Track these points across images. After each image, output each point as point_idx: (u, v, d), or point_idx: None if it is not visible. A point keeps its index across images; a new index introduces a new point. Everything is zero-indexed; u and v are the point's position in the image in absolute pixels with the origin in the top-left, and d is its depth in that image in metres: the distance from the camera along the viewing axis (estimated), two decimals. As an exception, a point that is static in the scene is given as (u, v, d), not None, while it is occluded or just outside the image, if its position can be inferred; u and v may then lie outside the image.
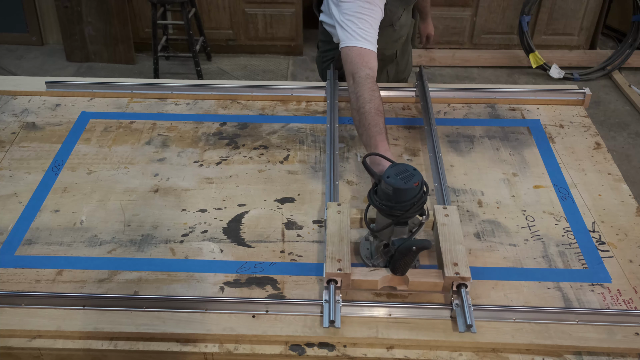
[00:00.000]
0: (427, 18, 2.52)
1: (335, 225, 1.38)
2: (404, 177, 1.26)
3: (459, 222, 1.38)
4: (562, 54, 4.32)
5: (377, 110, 1.53)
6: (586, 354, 1.22)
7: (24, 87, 2.04)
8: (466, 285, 1.26)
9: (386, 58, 2.14)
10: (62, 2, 4.13)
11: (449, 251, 1.31)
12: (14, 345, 1.24)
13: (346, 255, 1.30)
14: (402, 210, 1.26)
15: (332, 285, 1.27)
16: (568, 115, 1.92)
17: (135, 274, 1.38)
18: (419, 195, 1.27)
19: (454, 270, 1.27)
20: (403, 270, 1.26)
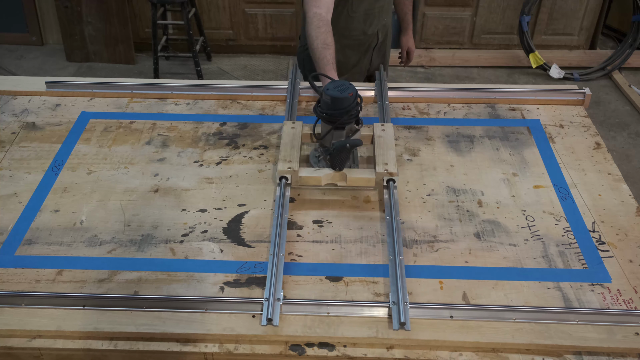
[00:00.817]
0: (407, 31, 2.52)
1: (288, 137, 1.66)
2: (340, 89, 1.51)
3: (392, 134, 1.68)
4: (562, 54, 4.32)
5: (323, 45, 1.77)
6: (586, 354, 1.22)
7: (24, 87, 2.04)
8: (394, 181, 1.55)
9: (370, 38, 2.18)
10: (62, 2, 4.13)
11: (381, 155, 1.60)
12: (14, 345, 1.24)
13: (296, 159, 1.58)
14: (339, 116, 1.51)
15: (283, 180, 1.55)
16: (568, 115, 1.92)
17: (135, 274, 1.38)
18: (353, 104, 1.52)
19: (384, 167, 1.56)
20: (341, 165, 1.56)
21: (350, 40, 2.17)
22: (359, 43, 2.20)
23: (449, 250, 1.44)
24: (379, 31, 2.21)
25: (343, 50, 2.15)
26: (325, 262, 1.41)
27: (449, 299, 1.31)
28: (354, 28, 2.15)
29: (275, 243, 1.39)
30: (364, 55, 2.24)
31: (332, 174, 1.57)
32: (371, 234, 1.48)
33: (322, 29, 1.77)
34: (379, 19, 2.17)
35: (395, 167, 1.57)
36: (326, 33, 1.78)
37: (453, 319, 1.26)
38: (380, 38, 2.23)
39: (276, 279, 1.31)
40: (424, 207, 1.56)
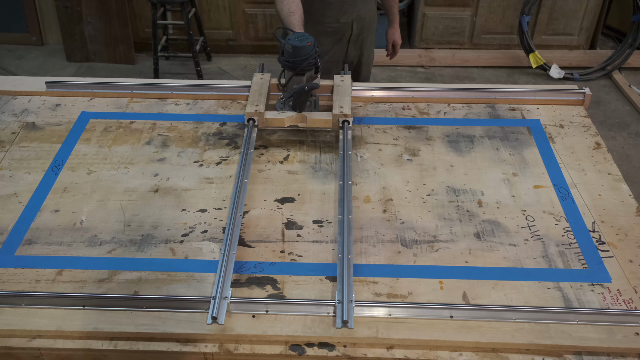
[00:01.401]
0: (393, 24, 2.63)
1: (257, 86, 1.86)
2: (300, 39, 1.71)
3: (349, 83, 1.87)
4: (562, 54, 4.32)
5: (288, 13, 2.02)
6: (586, 354, 1.22)
7: (24, 87, 2.04)
8: (349, 122, 1.73)
9: (344, 27, 2.28)
10: (62, 2, 4.13)
11: (338, 100, 1.79)
12: (14, 345, 1.24)
13: (262, 103, 1.77)
14: (300, 63, 1.70)
15: (250, 122, 1.74)
16: (568, 115, 1.92)
17: (135, 274, 1.38)
18: (312, 52, 1.71)
19: (340, 110, 1.74)
20: (301, 107, 1.74)
21: (323, 27, 2.30)
22: (332, 31, 2.31)
23: (449, 250, 1.44)
24: (354, 21, 2.31)
25: (317, 38, 2.20)
26: (325, 262, 1.41)
27: (449, 299, 1.31)
28: (328, 15, 2.27)
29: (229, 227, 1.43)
30: (337, 44, 2.35)
31: (294, 115, 1.74)
32: (371, 234, 1.48)
33: (285, 1, 2.02)
34: (353, 8, 2.28)
35: (350, 109, 1.74)
36: (289, 3, 2.02)
37: (453, 319, 1.26)
38: (355, 30, 2.33)
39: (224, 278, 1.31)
40: (424, 207, 1.56)
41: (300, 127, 1.76)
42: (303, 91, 1.70)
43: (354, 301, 1.27)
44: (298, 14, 2.03)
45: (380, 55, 4.31)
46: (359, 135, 1.83)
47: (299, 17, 2.03)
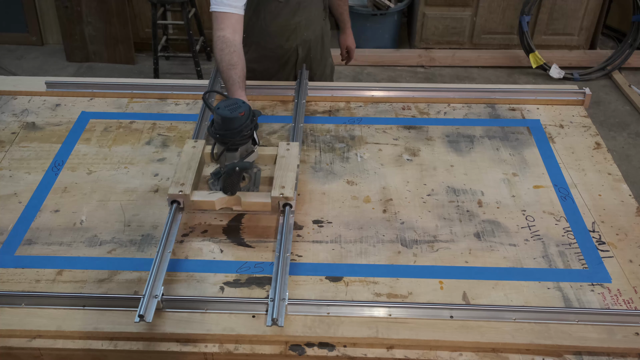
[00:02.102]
0: (346, 29, 2.50)
1: (187, 157, 1.56)
2: (231, 108, 1.44)
3: (297, 154, 1.58)
4: (562, 54, 4.32)
5: (228, 66, 1.74)
6: (586, 354, 1.22)
7: (24, 87, 2.04)
8: (291, 205, 1.46)
9: (288, 52, 2.15)
10: (62, 2, 4.13)
11: (280, 177, 1.50)
12: (14, 345, 1.24)
13: (189, 181, 1.48)
14: (231, 137, 1.45)
15: (174, 205, 1.46)
16: (568, 115, 1.92)
17: (135, 274, 1.38)
18: (245, 124, 1.45)
19: (280, 191, 1.46)
20: (232, 189, 1.47)
21: (267, 51, 2.14)
22: (276, 56, 2.16)
23: (449, 250, 1.44)
24: (299, 46, 2.15)
25: (261, 60, 2.15)
26: (325, 262, 1.41)
27: (449, 299, 1.31)
28: (270, 41, 2.11)
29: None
30: (283, 67, 2.20)
31: (226, 198, 1.48)
32: (371, 234, 1.48)
33: (225, 50, 1.74)
34: (296, 35, 2.11)
35: (293, 191, 1.47)
36: (230, 54, 1.74)
37: (453, 319, 1.26)
38: (302, 53, 2.18)
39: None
40: (424, 207, 1.56)
41: (235, 210, 1.51)
42: (233, 172, 1.44)
43: (286, 299, 1.26)
44: (240, 67, 1.74)
45: (381, 56, 4.32)
46: (359, 135, 1.83)
47: (241, 72, 1.74)
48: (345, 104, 1.97)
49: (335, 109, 1.95)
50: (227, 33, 1.75)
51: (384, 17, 4.26)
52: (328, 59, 2.36)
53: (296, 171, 1.53)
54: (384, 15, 4.24)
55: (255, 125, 1.50)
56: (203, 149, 1.58)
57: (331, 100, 1.98)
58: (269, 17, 2.02)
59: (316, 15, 2.15)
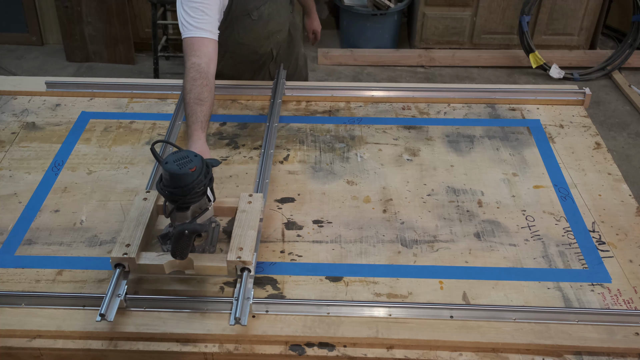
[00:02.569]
0: (311, 13, 2.51)
1: (136, 212, 1.38)
2: (180, 162, 1.26)
3: (259, 209, 1.40)
4: (562, 54, 4.32)
5: (196, 100, 1.57)
6: (586, 354, 1.22)
7: (24, 87, 2.04)
8: (249, 270, 1.29)
9: (263, 56, 2.14)
10: (62, 2, 4.13)
11: (238, 236, 1.32)
12: (14, 345, 1.24)
13: (137, 241, 1.31)
14: (181, 195, 1.26)
15: (118, 269, 1.29)
16: (568, 115, 1.92)
17: (135, 274, 1.37)
18: (197, 180, 1.27)
19: (237, 254, 1.28)
20: (182, 254, 1.27)
21: (242, 58, 2.09)
22: (251, 61, 2.13)
23: (449, 250, 1.44)
24: (273, 49, 2.14)
25: (235, 67, 2.11)
26: (325, 262, 1.41)
27: (449, 299, 1.32)
28: (244, 50, 2.06)
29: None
30: (258, 71, 2.17)
31: (176, 261, 1.30)
32: (371, 234, 1.48)
33: (198, 82, 1.59)
34: (270, 41, 2.09)
35: (252, 254, 1.29)
36: (202, 87, 1.59)
37: (453, 319, 1.26)
38: (275, 53, 2.17)
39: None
40: (424, 207, 1.56)
41: (187, 273, 1.35)
42: (182, 236, 1.24)
43: (251, 299, 1.26)
44: (207, 105, 1.58)
45: (381, 56, 4.32)
46: (359, 135, 1.83)
47: (207, 110, 1.58)
48: (345, 104, 1.97)
49: (335, 109, 1.95)
50: (203, 62, 1.63)
51: (384, 17, 4.26)
52: (300, 51, 2.36)
53: (258, 228, 1.38)
54: (384, 15, 4.24)
55: (210, 179, 1.32)
56: (155, 201, 1.41)
57: (331, 100, 1.98)
58: (243, 32, 1.96)
59: (285, 17, 2.14)
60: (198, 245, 1.37)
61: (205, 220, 1.36)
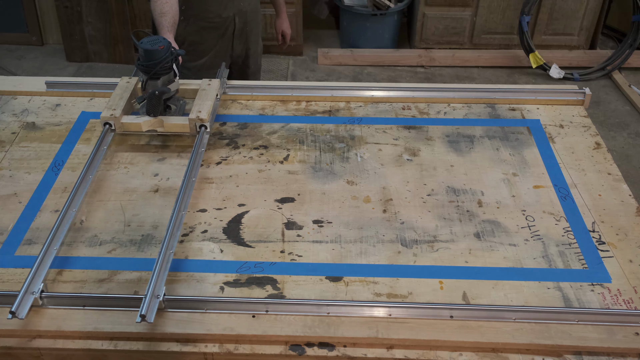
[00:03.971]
0: (281, 14, 2.69)
1: (120, 89, 1.82)
2: (152, 42, 1.69)
3: (216, 87, 1.85)
4: (562, 54, 4.32)
5: (160, 13, 2.03)
6: (586, 354, 1.22)
7: (24, 87, 2.04)
8: (206, 127, 1.72)
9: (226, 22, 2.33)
10: (62, 2, 4.13)
11: (198, 105, 1.76)
12: (14, 345, 1.24)
13: (120, 107, 1.74)
14: (152, 67, 1.68)
15: (107, 126, 1.72)
16: (568, 115, 1.92)
17: (135, 274, 1.38)
18: (165, 56, 1.69)
19: (197, 114, 1.71)
20: (154, 112, 1.72)
21: (206, 22, 2.33)
22: (215, 26, 2.33)
23: (449, 250, 1.44)
24: (236, 16, 2.34)
25: (200, 32, 2.33)
26: (325, 262, 1.41)
27: (449, 299, 1.32)
28: (209, 10, 2.30)
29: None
30: (221, 38, 2.38)
31: (151, 120, 1.72)
32: (371, 234, 1.48)
33: (158, 1, 2.03)
34: (233, 3, 2.30)
35: (208, 114, 1.72)
36: (162, 4, 2.02)
37: (453, 319, 1.26)
38: (239, 24, 2.36)
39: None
40: (424, 207, 1.56)
41: (159, 131, 1.74)
42: (153, 96, 1.70)
43: (161, 296, 1.26)
44: (170, 15, 2.02)
45: (381, 56, 4.32)
46: (359, 135, 1.83)
47: (171, 19, 2.02)
48: (345, 104, 1.97)
49: (335, 109, 1.95)
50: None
51: (384, 17, 4.26)
52: (260, 36, 2.54)
53: (214, 100, 1.81)
54: (384, 15, 4.25)
55: (175, 58, 1.73)
56: (136, 85, 1.83)
57: (331, 100, 1.99)
58: None
59: None
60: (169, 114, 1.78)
61: (173, 91, 1.77)
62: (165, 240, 1.37)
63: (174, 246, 1.39)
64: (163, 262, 1.32)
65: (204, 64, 2.42)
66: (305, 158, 1.74)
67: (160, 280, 1.29)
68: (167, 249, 1.36)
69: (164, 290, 1.28)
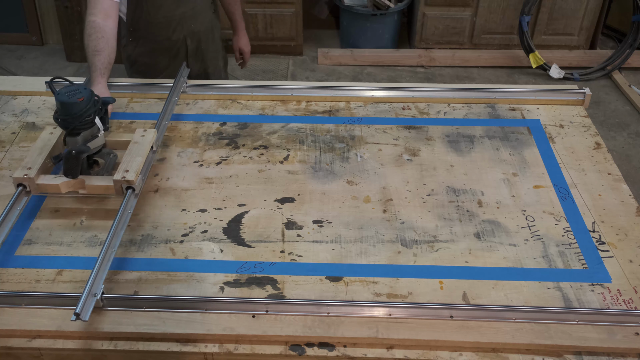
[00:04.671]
0: (237, 31, 2.47)
1: (41, 142, 1.59)
2: (70, 93, 1.49)
3: (150, 140, 1.62)
4: (562, 54, 4.32)
5: (93, 52, 1.84)
6: (586, 354, 1.22)
7: (24, 87, 2.04)
8: (134, 189, 1.50)
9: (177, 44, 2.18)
10: (62, 2, 4.13)
11: (127, 162, 1.54)
12: (14, 345, 1.24)
13: (37, 165, 1.52)
14: (71, 122, 1.50)
15: (20, 188, 1.49)
16: (568, 115, 1.92)
17: (135, 274, 1.38)
18: (85, 109, 1.50)
19: (123, 175, 1.49)
20: (72, 173, 1.50)
21: (155, 44, 2.17)
22: (165, 48, 2.18)
23: (449, 250, 1.44)
24: (187, 37, 2.17)
25: (151, 54, 2.19)
26: (325, 262, 1.41)
27: (449, 299, 1.32)
28: (156, 33, 2.13)
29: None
30: (174, 59, 2.21)
31: (72, 181, 1.51)
32: (371, 234, 1.48)
33: (93, 36, 1.83)
34: (183, 26, 2.14)
35: (136, 175, 1.50)
36: (97, 40, 1.83)
37: (453, 319, 1.26)
38: (191, 44, 2.20)
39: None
40: (424, 207, 1.56)
41: (81, 193, 1.54)
42: (70, 156, 1.48)
43: (99, 294, 1.26)
44: (105, 54, 1.83)
45: (381, 56, 4.32)
46: (359, 135, 1.83)
47: (106, 59, 1.83)
48: (345, 104, 1.97)
49: (335, 109, 1.95)
50: (99, 18, 1.83)
51: (384, 17, 4.26)
52: (220, 52, 2.38)
53: (147, 156, 1.59)
54: (384, 15, 4.25)
55: (99, 111, 1.56)
56: (60, 137, 1.62)
57: (331, 100, 1.99)
58: (152, 9, 2.03)
59: (203, 7, 2.16)
60: (95, 171, 1.60)
61: (98, 147, 1.58)
62: (107, 239, 1.36)
63: (117, 245, 1.38)
64: (103, 261, 1.32)
65: None
66: (305, 158, 1.74)
67: (99, 278, 1.29)
68: (108, 247, 1.35)
69: (102, 289, 1.27)
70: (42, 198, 1.59)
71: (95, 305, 1.25)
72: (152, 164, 1.66)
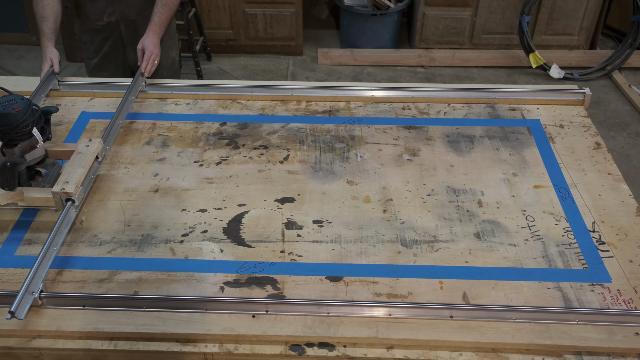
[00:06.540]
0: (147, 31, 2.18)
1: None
2: (6, 103, 1.43)
3: (93, 151, 1.58)
4: (562, 54, 4.32)
5: (41, 18, 1.99)
6: (586, 354, 1.22)
7: (24, 87, 2.04)
8: (73, 201, 1.46)
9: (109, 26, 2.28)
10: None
11: (67, 173, 1.50)
12: (14, 345, 1.24)
13: None
14: (7, 133, 1.45)
15: None
16: (568, 115, 1.92)
17: (135, 274, 1.38)
18: (22, 120, 1.44)
19: (62, 187, 1.45)
20: (9, 185, 1.46)
21: (91, 24, 2.31)
22: (99, 29, 2.31)
23: (449, 250, 1.44)
24: (120, 22, 2.28)
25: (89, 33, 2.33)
26: (325, 262, 1.41)
27: (449, 299, 1.32)
28: (92, 12, 2.26)
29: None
30: (107, 42, 2.33)
31: (10, 193, 1.48)
32: (371, 234, 1.48)
33: (39, 3, 1.98)
34: (115, 9, 2.25)
35: (76, 187, 1.47)
36: (43, 7, 1.98)
37: (453, 319, 1.26)
38: (126, 32, 2.30)
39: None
40: (424, 207, 1.56)
41: (20, 205, 1.49)
42: (5, 168, 1.43)
43: (36, 293, 1.26)
44: (51, 20, 1.97)
45: (381, 56, 4.32)
46: (359, 135, 1.83)
47: (52, 25, 1.97)
48: (345, 104, 1.97)
49: (335, 109, 1.95)
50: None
51: (384, 17, 4.26)
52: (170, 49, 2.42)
53: (91, 167, 1.56)
54: (384, 15, 4.24)
55: (38, 121, 1.50)
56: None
57: (331, 100, 1.99)
58: None
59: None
60: (36, 183, 1.55)
61: (37, 158, 1.53)
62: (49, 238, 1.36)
63: (59, 243, 1.39)
64: (42, 259, 1.32)
65: (95, 64, 2.41)
66: (305, 158, 1.74)
67: (38, 276, 1.29)
68: (49, 246, 1.35)
69: (40, 287, 1.27)
70: (42, 198, 1.59)
71: (33, 303, 1.26)
72: (97, 174, 1.63)
